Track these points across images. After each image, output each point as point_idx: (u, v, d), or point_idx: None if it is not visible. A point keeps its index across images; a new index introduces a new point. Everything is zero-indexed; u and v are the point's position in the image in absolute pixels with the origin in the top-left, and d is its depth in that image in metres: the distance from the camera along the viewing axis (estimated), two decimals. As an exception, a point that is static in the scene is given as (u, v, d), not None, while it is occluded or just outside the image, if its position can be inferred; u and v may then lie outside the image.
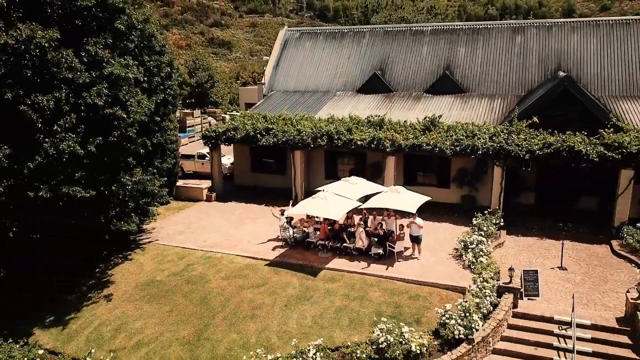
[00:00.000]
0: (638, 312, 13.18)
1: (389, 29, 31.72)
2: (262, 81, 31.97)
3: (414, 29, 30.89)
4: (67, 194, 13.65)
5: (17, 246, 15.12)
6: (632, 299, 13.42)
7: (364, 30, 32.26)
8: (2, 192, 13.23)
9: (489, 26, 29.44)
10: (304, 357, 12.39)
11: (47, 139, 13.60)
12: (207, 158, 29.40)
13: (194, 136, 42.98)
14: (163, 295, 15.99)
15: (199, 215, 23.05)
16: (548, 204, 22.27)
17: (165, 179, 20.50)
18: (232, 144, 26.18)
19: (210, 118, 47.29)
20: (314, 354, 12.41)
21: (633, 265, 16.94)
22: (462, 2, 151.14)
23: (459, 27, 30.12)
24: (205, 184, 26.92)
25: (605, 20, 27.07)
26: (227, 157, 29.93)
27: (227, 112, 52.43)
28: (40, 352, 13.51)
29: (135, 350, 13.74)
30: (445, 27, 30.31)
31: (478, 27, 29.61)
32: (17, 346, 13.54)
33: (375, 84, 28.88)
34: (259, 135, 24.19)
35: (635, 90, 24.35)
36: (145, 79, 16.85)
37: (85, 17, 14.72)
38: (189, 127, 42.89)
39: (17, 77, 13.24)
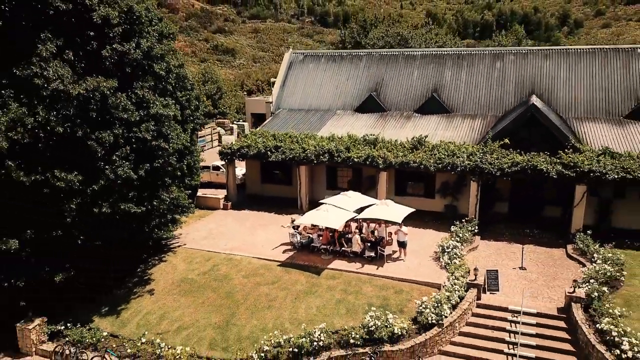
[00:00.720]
0: (572, 303, 16.79)
1: (383, 53, 35.28)
2: (270, 100, 35.55)
3: (406, 53, 34.45)
4: (124, 209, 17.26)
5: (79, 252, 18.65)
6: (568, 292, 17.03)
7: (361, 54, 35.82)
8: (73, 209, 16.85)
9: (472, 52, 33.05)
10: (311, 338, 15.99)
11: (107, 167, 17.19)
12: (221, 170, 33.02)
13: (204, 145, 46.53)
14: (195, 290, 19.63)
15: (217, 223, 26.66)
16: (519, 213, 25.90)
17: (190, 191, 24.08)
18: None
19: (219, 128, 50.73)
20: (319, 335, 16.03)
21: (580, 265, 20.54)
22: (460, 8, 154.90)
23: (445, 52, 33.69)
24: (221, 193, 30.52)
25: (574, 49, 30.61)
26: (239, 169, 33.48)
27: (235, 122, 56.01)
28: (105, 333, 17.18)
29: (178, 333, 17.38)
30: (433, 53, 33.88)
31: (462, 53, 33.20)
32: (85, 329, 17.23)
33: (371, 104, 32.40)
34: (269, 152, 27.80)
35: (597, 112, 27.92)
36: (179, 112, 20.44)
37: (135, 66, 18.31)
38: (200, 137, 46.37)
39: (85, 118, 16.85)
